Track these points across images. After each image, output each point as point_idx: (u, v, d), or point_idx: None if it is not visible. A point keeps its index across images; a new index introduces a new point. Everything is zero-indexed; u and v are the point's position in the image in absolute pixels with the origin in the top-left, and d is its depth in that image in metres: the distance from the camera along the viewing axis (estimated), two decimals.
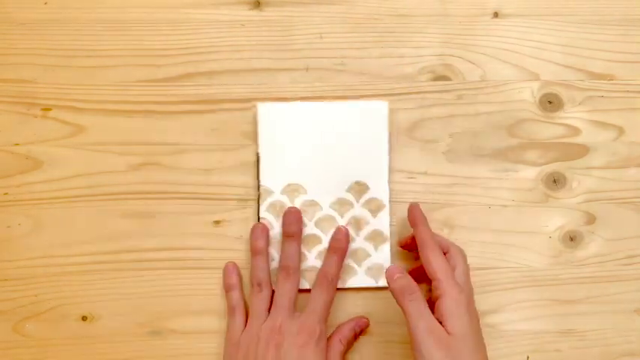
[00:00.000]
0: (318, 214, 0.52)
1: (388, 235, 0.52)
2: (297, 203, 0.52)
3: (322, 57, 0.55)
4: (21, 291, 0.53)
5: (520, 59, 0.56)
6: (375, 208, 0.52)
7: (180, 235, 0.54)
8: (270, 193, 0.52)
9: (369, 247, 0.52)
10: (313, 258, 0.52)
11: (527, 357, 0.53)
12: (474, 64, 0.56)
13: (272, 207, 0.52)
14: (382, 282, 0.51)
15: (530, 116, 0.55)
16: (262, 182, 0.52)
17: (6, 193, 0.54)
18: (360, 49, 0.55)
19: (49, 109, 0.54)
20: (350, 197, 0.52)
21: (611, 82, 0.56)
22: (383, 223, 0.52)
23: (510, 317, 0.54)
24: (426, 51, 0.56)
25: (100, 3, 0.55)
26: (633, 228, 0.55)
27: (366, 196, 0.52)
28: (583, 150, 0.55)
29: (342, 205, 0.52)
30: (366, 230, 0.52)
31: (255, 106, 0.54)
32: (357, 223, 0.52)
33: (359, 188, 0.52)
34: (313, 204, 0.52)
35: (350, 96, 0.55)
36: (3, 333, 0.52)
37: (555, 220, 0.55)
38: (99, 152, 0.54)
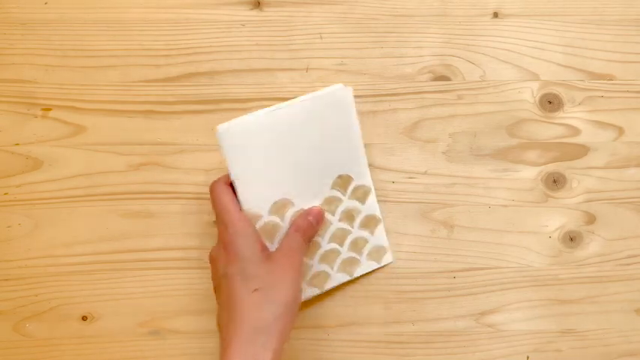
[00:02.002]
0: None
1: (380, 216, 0.52)
2: (288, 216, 0.48)
3: (322, 57, 0.55)
4: (21, 291, 0.53)
5: (520, 59, 0.56)
6: (362, 195, 0.51)
7: (180, 235, 0.54)
8: (257, 218, 0.47)
9: (365, 234, 0.52)
10: (317, 263, 0.51)
11: (528, 357, 0.53)
12: (473, 64, 0.56)
13: (263, 231, 0.47)
14: (385, 261, 0.53)
15: (530, 116, 0.55)
16: (245, 208, 0.46)
17: (6, 193, 0.54)
18: (360, 49, 0.55)
19: (50, 109, 0.54)
20: (337, 193, 0.50)
21: (611, 82, 0.56)
22: (373, 206, 0.52)
23: (510, 317, 0.54)
24: (426, 51, 0.56)
25: (100, 3, 0.55)
26: (633, 228, 0.55)
27: (351, 187, 0.50)
28: (583, 150, 0.55)
29: (330, 203, 0.50)
30: (359, 219, 0.51)
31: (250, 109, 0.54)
32: (349, 215, 0.51)
33: (342, 182, 0.50)
34: None
35: None
36: (3, 333, 0.52)
37: (555, 220, 0.55)
38: (99, 152, 0.54)
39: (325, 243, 0.51)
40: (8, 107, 0.54)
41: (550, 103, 0.56)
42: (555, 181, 0.55)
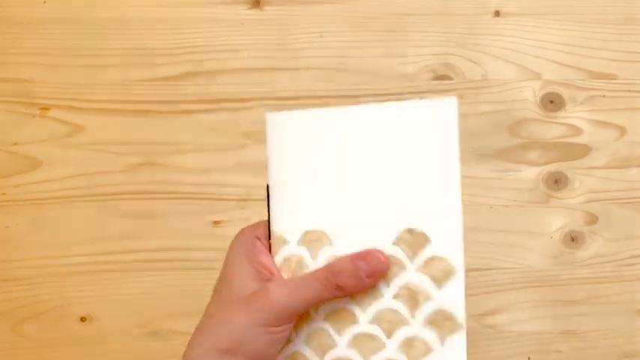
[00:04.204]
0: None
1: (463, 319, 0.31)
2: (323, 257, 0.33)
3: (323, 56, 0.55)
4: (19, 292, 0.53)
5: (521, 58, 0.56)
6: (440, 273, 0.32)
7: (180, 235, 0.53)
8: (283, 242, 0.34)
9: (431, 337, 0.32)
10: (345, 345, 0.33)
11: (529, 358, 0.53)
12: (475, 63, 0.55)
13: (287, 263, 0.34)
14: None
15: (532, 116, 0.55)
16: (274, 227, 0.34)
17: (4, 193, 0.53)
18: (360, 49, 0.55)
19: (48, 109, 0.54)
20: (400, 254, 0.32)
21: (613, 81, 0.56)
22: (453, 299, 0.32)
23: (511, 318, 0.53)
24: (427, 50, 0.55)
25: (99, 2, 0.55)
26: (635, 228, 0.55)
27: (425, 253, 0.32)
28: (584, 150, 0.55)
29: None
30: (425, 309, 0.32)
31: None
32: (412, 295, 0.32)
33: (413, 240, 0.32)
34: None
35: (351, 95, 0.54)
36: (1, 334, 0.52)
37: (557, 221, 0.54)
38: (98, 152, 0.54)
39: (365, 320, 0.33)
40: (6, 107, 0.54)
41: (552, 102, 0.55)
42: (557, 181, 0.55)
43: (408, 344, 0.33)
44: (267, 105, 0.54)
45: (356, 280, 0.31)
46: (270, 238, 0.34)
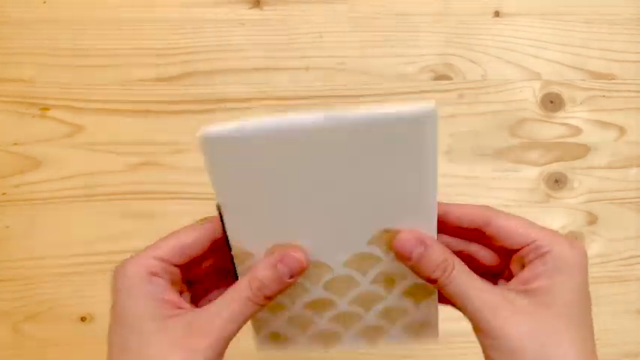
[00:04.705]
0: (327, 277, 0.34)
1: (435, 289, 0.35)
2: None
3: (322, 56, 0.55)
4: (19, 291, 0.52)
5: (521, 59, 0.56)
6: None
7: None
8: (248, 256, 0.33)
9: (407, 304, 0.35)
10: (326, 321, 0.35)
11: None
12: (475, 63, 0.55)
13: None
14: (426, 335, 0.38)
15: (532, 116, 0.55)
16: (233, 241, 0.33)
17: (4, 193, 0.53)
18: (360, 49, 0.55)
19: (48, 109, 0.54)
20: (376, 251, 0.32)
21: (613, 81, 0.56)
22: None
23: None
24: (426, 50, 0.55)
25: (99, 2, 0.55)
26: (635, 228, 0.55)
27: None
28: (584, 150, 0.55)
29: (362, 260, 0.33)
30: (402, 285, 0.34)
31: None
32: (388, 278, 0.34)
33: (389, 237, 0.32)
34: (318, 266, 0.33)
35: (351, 95, 0.54)
36: (1, 333, 0.52)
37: (557, 221, 0.54)
38: (98, 152, 0.54)
39: (344, 304, 0.35)
40: (6, 107, 0.54)
41: (551, 102, 0.55)
42: (557, 181, 0.55)
43: (386, 312, 0.35)
44: (267, 105, 0.54)
45: (280, 285, 0.31)
46: (230, 254, 0.33)
